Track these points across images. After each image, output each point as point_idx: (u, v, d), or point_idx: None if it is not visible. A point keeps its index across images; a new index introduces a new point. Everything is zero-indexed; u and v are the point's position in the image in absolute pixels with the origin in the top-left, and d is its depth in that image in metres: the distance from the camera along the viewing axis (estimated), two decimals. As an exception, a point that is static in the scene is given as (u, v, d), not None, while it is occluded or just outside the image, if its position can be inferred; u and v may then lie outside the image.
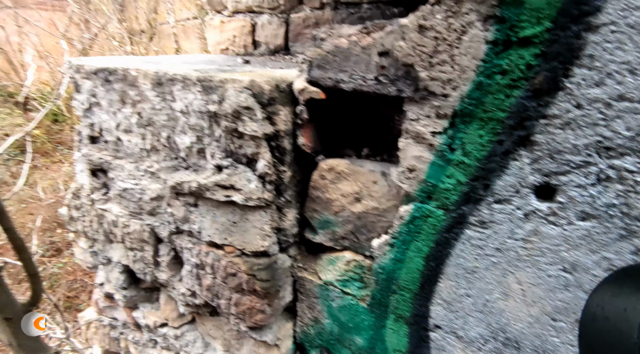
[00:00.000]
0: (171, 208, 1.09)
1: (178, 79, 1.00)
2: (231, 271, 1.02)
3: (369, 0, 1.45)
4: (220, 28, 1.88)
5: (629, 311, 0.48)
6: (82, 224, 1.37)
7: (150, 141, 1.13)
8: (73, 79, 1.23)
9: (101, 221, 1.30)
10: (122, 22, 8.37)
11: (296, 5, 1.63)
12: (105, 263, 1.38)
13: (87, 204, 1.32)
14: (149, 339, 1.39)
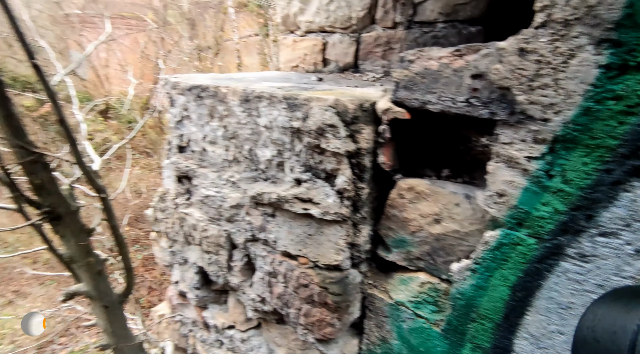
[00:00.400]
0: (249, 217, 1.15)
1: (265, 97, 1.06)
2: (303, 282, 1.05)
3: (445, 19, 1.44)
4: (292, 47, 1.98)
5: (619, 333, 0.48)
6: (165, 226, 1.50)
7: (232, 153, 1.22)
8: (169, 94, 1.37)
9: (182, 224, 1.41)
10: (192, 39, 9.11)
11: (368, 25, 1.67)
12: (182, 263, 1.48)
13: (171, 208, 1.44)
14: (216, 340, 1.46)
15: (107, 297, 1.09)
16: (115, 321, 1.13)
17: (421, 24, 1.49)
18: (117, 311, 1.14)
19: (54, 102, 0.86)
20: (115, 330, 1.13)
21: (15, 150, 0.91)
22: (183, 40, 9.10)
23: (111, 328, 1.12)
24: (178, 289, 1.56)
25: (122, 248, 1.10)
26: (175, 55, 9.28)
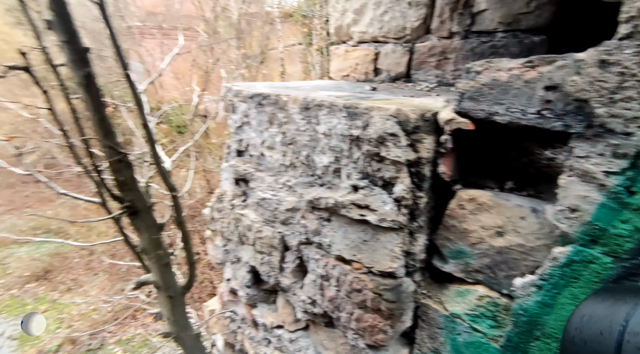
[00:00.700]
0: (305, 220, 1.20)
1: (325, 105, 1.11)
2: (357, 286, 1.07)
3: (505, 29, 1.42)
4: (344, 56, 2.02)
5: (605, 334, 0.48)
6: (221, 225, 1.58)
7: (290, 158, 1.27)
8: (231, 101, 1.46)
9: (237, 224, 1.48)
10: (239, 48, 9.52)
11: (422, 34, 1.67)
12: (235, 262, 1.56)
13: (228, 208, 1.52)
14: (264, 338, 1.51)
15: (171, 288, 1.18)
16: (177, 311, 1.21)
17: (479, 33, 1.47)
18: (180, 302, 1.22)
19: (140, 108, 0.96)
20: (177, 319, 1.21)
21: (105, 150, 1.01)
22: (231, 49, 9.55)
23: (173, 317, 1.21)
24: (229, 286, 1.63)
25: (187, 244, 1.19)
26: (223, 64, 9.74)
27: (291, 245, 1.28)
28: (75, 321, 5.57)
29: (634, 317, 0.49)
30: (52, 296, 6.01)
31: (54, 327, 5.43)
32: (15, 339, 5.09)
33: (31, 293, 5.97)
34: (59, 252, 6.75)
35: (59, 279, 6.29)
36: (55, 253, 6.71)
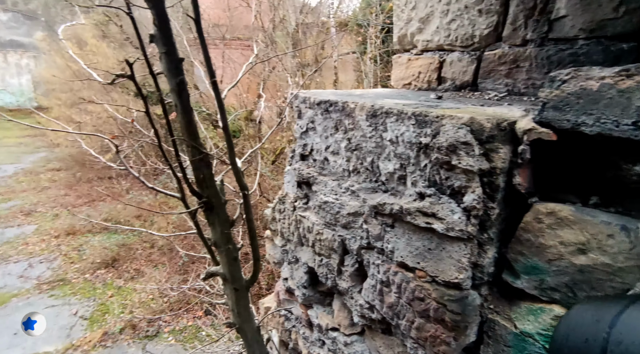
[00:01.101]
0: (367, 225, 1.21)
1: (393, 113, 1.12)
2: (419, 295, 1.06)
3: (587, 36, 1.34)
4: (406, 65, 2.02)
5: (590, 341, 0.50)
6: (281, 225, 1.66)
7: (354, 164, 1.30)
8: (298, 108, 1.53)
9: (298, 226, 1.54)
10: (294, 57, 9.84)
11: (492, 42, 1.63)
12: (293, 262, 1.61)
13: (289, 210, 1.59)
14: (318, 339, 1.55)
15: (238, 281, 1.25)
16: (241, 304, 1.29)
17: (557, 40, 1.40)
18: (244, 295, 1.29)
19: (222, 112, 1.05)
20: (241, 311, 1.29)
21: (189, 150, 1.12)
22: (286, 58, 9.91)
23: (237, 309, 1.28)
24: (286, 285, 1.69)
25: (253, 241, 1.26)
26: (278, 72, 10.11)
27: (351, 249, 1.31)
28: (136, 308, 6.04)
29: (618, 324, 0.51)
30: (118, 283, 6.56)
31: (119, 311, 5.92)
32: (86, 319, 5.64)
33: (101, 278, 6.58)
34: (125, 243, 7.38)
35: (124, 268, 6.87)
36: (122, 244, 7.34)
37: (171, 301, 6.30)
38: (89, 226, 7.93)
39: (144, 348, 5.34)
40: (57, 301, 6.00)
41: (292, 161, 1.59)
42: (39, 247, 7.17)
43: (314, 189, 1.46)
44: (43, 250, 7.08)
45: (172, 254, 7.09)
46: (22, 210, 8.36)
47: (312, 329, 1.59)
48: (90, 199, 9.01)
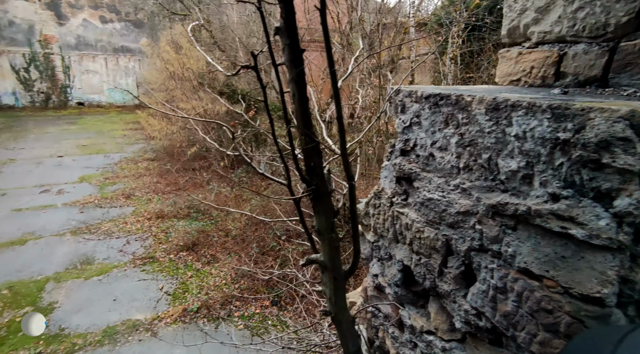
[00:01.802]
0: (482, 226, 1.14)
1: (522, 105, 1.03)
2: (547, 306, 0.96)
3: None
4: (516, 59, 1.87)
5: None
6: (375, 221, 1.64)
7: (465, 160, 1.23)
8: (401, 102, 1.50)
9: (394, 222, 1.51)
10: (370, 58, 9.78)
11: (632, 32, 1.42)
12: (386, 259, 1.59)
13: (385, 206, 1.56)
14: (409, 341, 1.50)
15: (337, 270, 1.26)
16: (339, 293, 1.29)
17: None
18: (341, 285, 1.30)
19: (337, 100, 1.06)
20: (337, 301, 1.30)
21: (302, 138, 1.15)
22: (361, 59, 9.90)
23: (334, 298, 1.29)
24: (376, 282, 1.67)
25: (355, 232, 1.26)
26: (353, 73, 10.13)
27: (458, 250, 1.24)
28: (210, 290, 6.51)
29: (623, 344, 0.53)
30: (197, 266, 7.15)
31: (196, 292, 6.44)
32: (169, 295, 6.24)
33: (183, 259, 7.23)
34: (204, 230, 8.01)
35: (202, 253, 7.46)
36: (201, 230, 7.98)
37: (242, 288, 6.67)
38: (175, 212, 8.76)
39: (217, 328, 5.73)
40: (147, 276, 6.73)
41: (392, 156, 1.56)
42: (135, 226, 8.13)
43: (415, 185, 1.42)
44: (138, 230, 8.01)
45: (244, 244, 7.52)
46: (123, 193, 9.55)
47: (403, 330, 1.54)
48: (177, 187, 9.96)
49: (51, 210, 8.60)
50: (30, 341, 5.10)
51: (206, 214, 8.73)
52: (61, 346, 5.09)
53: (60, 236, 7.57)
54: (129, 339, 5.36)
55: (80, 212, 8.56)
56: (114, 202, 9.06)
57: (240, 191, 9.24)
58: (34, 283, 6.24)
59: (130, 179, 10.39)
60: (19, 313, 5.57)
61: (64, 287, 6.23)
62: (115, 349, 5.13)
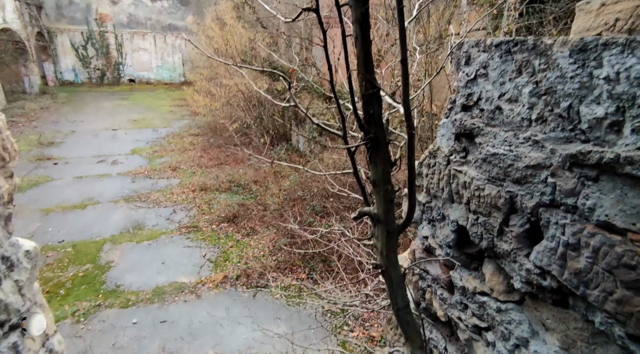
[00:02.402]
0: (556, 178, 1.06)
1: (617, 43, 0.92)
2: (630, 262, 0.88)
3: None
4: (597, 12, 1.68)
5: None
6: (428, 181, 1.58)
7: (539, 111, 1.14)
8: (466, 53, 1.40)
9: (450, 181, 1.45)
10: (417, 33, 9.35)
11: None
12: (439, 220, 1.54)
13: (441, 164, 1.50)
14: (459, 302, 1.46)
15: (390, 223, 1.24)
16: (390, 247, 1.28)
17: None
18: (394, 239, 1.28)
19: (402, 42, 1.01)
20: (389, 255, 1.28)
21: (363, 84, 1.12)
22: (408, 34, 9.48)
23: (386, 252, 1.27)
24: (425, 244, 1.63)
25: (412, 185, 1.22)
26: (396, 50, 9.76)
27: (523, 206, 1.16)
28: (249, 260, 6.77)
29: None
30: (237, 237, 7.44)
31: (236, 261, 6.72)
32: (212, 262, 6.57)
33: (224, 230, 7.55)
34: (244, 203, 8.28)
35: (242, 225, 7.74)
36: (241, 204, 8.25)
37: (279, 260, 6.87)
38: (217, 185, 9.10)
39: (255, 295, 5.98)
40: (191, 243, 7.11)
41: (451, 113, 1.48)
42: (181, 197, 8.56)
43: (477, 141, 1.34)
44: (183, 200, 8.43)
45: (281, 219, 7.69)
46: (170, 166, 10.06)
47: (453, 292, 1.50)
48: (219, 162, 10.32)
49: (107, 179, 9.26)
50: (91, 294, 5.62)
51: (246, 189, 9.00)
52: (117, 300, 5.56)
53: (115, 203, 8.16)
54: (175, 299, 5.74)
55: (132, 181, 9.15)
56: (162, 174, 9.57)
57: (279, 167, 9.39)
58: (94, 243, 6.82)
59: (176, 153, 10.90)
60: (81, 269, 6.13)
61: (118, 248, 6.75)
62: (164, 307, 5.52)
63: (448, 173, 1.46)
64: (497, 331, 1.28)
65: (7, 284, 1.04)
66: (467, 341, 1.42)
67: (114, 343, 4.83)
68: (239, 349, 4.75)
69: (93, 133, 12.29)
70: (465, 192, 1.38)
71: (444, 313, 1.54)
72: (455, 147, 1.44)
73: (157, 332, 5.01)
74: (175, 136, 12.19)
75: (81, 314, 5.14)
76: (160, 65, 19.90)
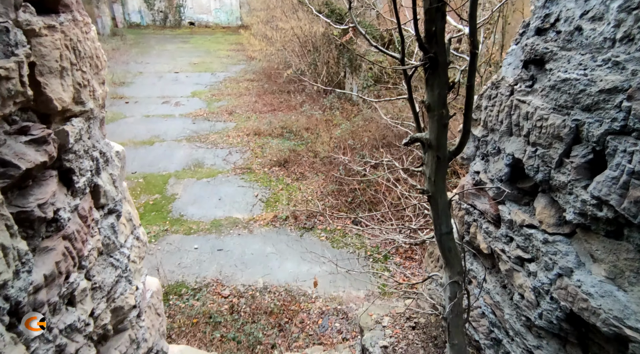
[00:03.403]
0: (632, 102, 0.98)
1: None
2: (703, 187, 0.83)
3: None
4: None
5: None
6: (487, 114, 1.53)
7: (626, 29, 1.02)
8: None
9: (511, 113, 1.39)
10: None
11: None
12: (493, 154, 1.50)
13: (504, 95, 1.43)
14: (505, 235, 1.47)
15: (442, 149, 1.25)
16: (440, 174, 1.29)
17: None
18: (444, 165, 1.29)
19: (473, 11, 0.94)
20: (438, 181, 1.30)
21: None
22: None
23: (435, 178, 1.30)
24: (476, 179, 1.62)
25: (468, 110, 1.20)
26: None
27: (589, 135, 1.10)
28: (298, 203, 7.11)
29: None
30: (287, 181, 7.78)
31: (286, 202, 7.10)
32: (263, 202, 7.02)
33: (275, 174, 7.91)
34: (294, 149, 8.51)
35: (292, 170, 8.03)
36: (292, 149, 8.49)
37: (326, 205, 7.13)
38: (270, 130, 9.38)
39: (302, 236, 6.37)
40: (245, 183, 7.59)
41: (522, 38, 1.38)
42: (236, 140, 9.00)
43: (548, 67, 1.25)
44: (238, 143, 8.87)
45: (330, 166, 7.84)
46: (227, 110, 10.48)
47: (499, 226, 1.51)
48: (272, 108, 10.53)
49: (170, 119, 9.94)
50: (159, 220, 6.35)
51: (297, 135, 9.18)
52: (181, 227, 6.24)
53: (178, 142, 8.82)
54: (230, 232, 6.30)
55: (192, 123, 9.74)
56: (219, 117, 10.04)
57: (331, 115, 9.37)
58: (161, 177, 7.55)
59: (232, 97, 11.26)
60: (151, 198, 6.88)
61: (181, 183, 7.42)
62: (221, 238, 6.12)
63: (510, 104, 1.40)
64: (540, 261, 1.29)
65: (105, 175, 1.24)
66: (508, 272, 1.45)
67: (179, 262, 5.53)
68: (285, 280, 5.20)
69: (158, 75, 13.02)
70: (526, 124, 1.32)
71: (487, 246, 1.56)
72: (522, 76, 1.35)
73: (215, 258, 5.62)
74: (231, 81, 12.50)
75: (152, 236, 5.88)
76: (218, 8, 19.93)
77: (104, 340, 1.25)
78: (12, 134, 0.81)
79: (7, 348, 0.68)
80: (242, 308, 4.69)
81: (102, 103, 1.21)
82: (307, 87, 10.74)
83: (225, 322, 4.45)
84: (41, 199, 0.85)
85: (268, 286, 5.21)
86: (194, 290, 5.02)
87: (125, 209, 1.38)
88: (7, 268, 0.70)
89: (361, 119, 8.79)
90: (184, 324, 4.43)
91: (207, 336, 4.28)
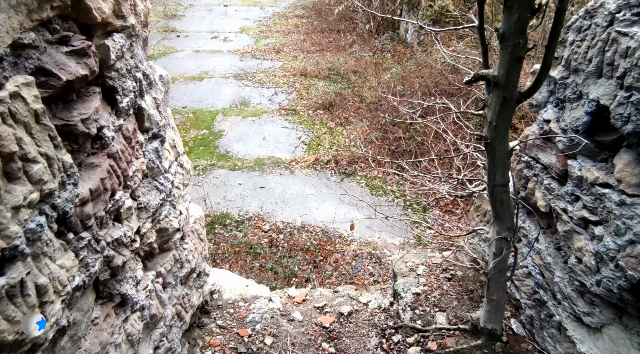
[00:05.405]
0: None
1: None
2: None
3: None
4: None
5: None
6: (571, 50, 1.28)
7: None
8: None
9: (606, 48, 1.14)
10: None
11: None
12: (573, 99, 1.28)
13: (599, 27, 1.17)
14: (570, 193, 1.31)
15: (510, 88, 1.07)
16: (503, 117, 1.13)
17: None
18: (510, 108, 1.12)
19: None
20: (499, 126, 1.15)
21: None
22: None
23: (497, 122, 1.14)
24: (545, 128, 1.42)
25: (552, 40, 0.99)
26: None
27: None
28: (341, 148, 7.03)
29: None
30: (331, 125, 7.64)
31: (328, 147, 7.05)
32: (306, 144, 7.02)
33: (319, 117, 7.78)
34: (340, 93, 8.22)
35: (336, 114, 7.83)
36: (338, 93, 8.20)
37: (369, 153, 6.99)
38: (317, 72, 9.08)
39: (342, 180, 6.38)
40: (289, 125, 7.59)
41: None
42: (282, 80, 8.85)
43: (671, -13, 0.98)
44: (284, 83, 8.72)
45: (376, 112, 7.54)
46: (274, 48, 10.20)
47: (564, 182, 1.34)
48: (321, 48, 10.06)
49: (219, 55, 9.90)
50: (207, 155, 6.63)
51: (345, 78, 8.82)
52: (226, 163, 6.49)
53: (226, 79, 8.85)
54: (272, 171, 6.46)
55: (240, 60, 9.64)
56: (266, 56, 9.82)
57: (382, 57, 8.80)
58: (209, 113, 7.74)
59: (280, 35, 10.87)
60: (200, 133, 7.14)
61: (228, 120, 7.57)
62: (263, 176, 6.31)
63: (606, 38, 1.14)
64: (610, 225, 1.14)
65: (148, 98, 1.24)
66: (567, 233, 1.31)
67: (224, 196, 5.84)
68: (322, 221, 5.34)
69: (207, 8, 12.77)
70: (623, 62, 1.08)
71: (546, 204, 1.41)
72: (629, 0, 1.08)
73: (257, 194, 5.85)
74: (280, 17, 11.96)
75: (200, 169, 6.20)
76: None
77: (150, 257, 1.34)
78: (53, 43, 0.79)
79: (56, 253, 0.72)
80: (280, 243, 4.94)
81: (144, 20, 1.16)
82: (359, 25, 10.02)
83: (265, 253, 4.74)
84: (84, 114, 0.85)
85: (306, 225, 5.40)
86: (237, 222, 5.34)
87: (169, 135, 1.39)
88: (53, 178, 0.72)
89: (414, 63, 8.16)
90: (227, 252, 4.79)
91: (247, 264, 4.61)
